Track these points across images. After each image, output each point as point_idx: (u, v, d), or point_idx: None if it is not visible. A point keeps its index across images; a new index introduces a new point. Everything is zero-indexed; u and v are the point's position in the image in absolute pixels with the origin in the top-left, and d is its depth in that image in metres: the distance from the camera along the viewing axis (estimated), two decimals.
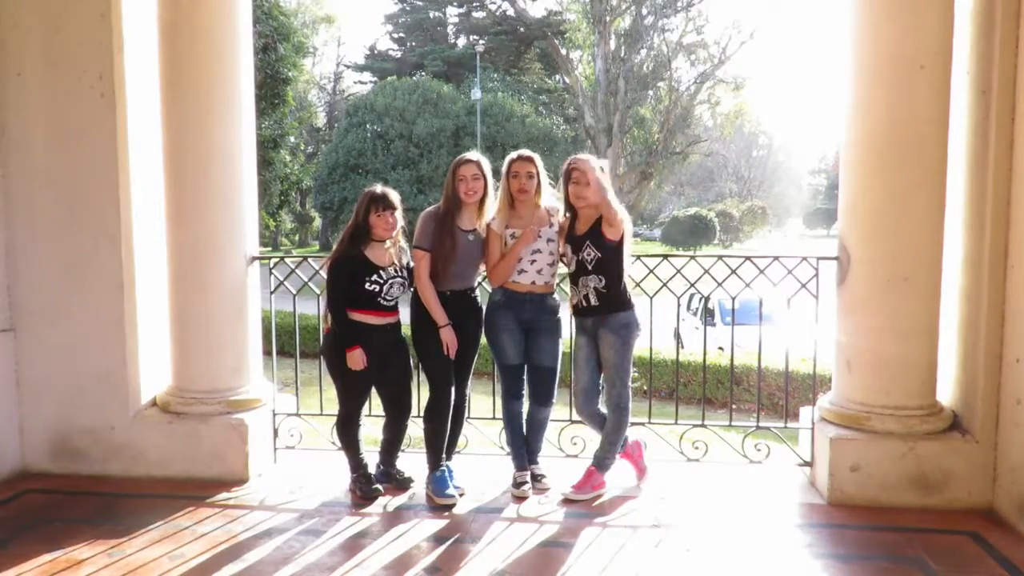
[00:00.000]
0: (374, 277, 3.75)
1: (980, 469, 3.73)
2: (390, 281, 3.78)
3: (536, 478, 4.02)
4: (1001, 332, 3.67)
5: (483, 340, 3.98)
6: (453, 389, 3.88)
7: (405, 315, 3.93)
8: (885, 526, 3.58)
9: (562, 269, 3.96)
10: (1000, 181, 3.62)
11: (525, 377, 4.01)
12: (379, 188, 3.82)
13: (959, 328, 3.88)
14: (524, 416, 4.03)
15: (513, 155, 3.87)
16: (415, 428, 4.13)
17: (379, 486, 3.94)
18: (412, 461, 4.14)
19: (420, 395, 4.17)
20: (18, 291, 4.23)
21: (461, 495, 3.89)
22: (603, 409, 3.97)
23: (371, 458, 4.08)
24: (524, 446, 4.01)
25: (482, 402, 4.73)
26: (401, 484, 4.02)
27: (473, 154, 3.86)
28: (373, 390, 3.99)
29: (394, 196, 3.81)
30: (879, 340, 3.77)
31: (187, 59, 4.00)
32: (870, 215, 3.77)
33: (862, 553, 3.34)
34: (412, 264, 3.88)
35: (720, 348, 11.51)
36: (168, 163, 4.11)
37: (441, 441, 3.90)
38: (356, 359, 3.73)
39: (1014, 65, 3.57)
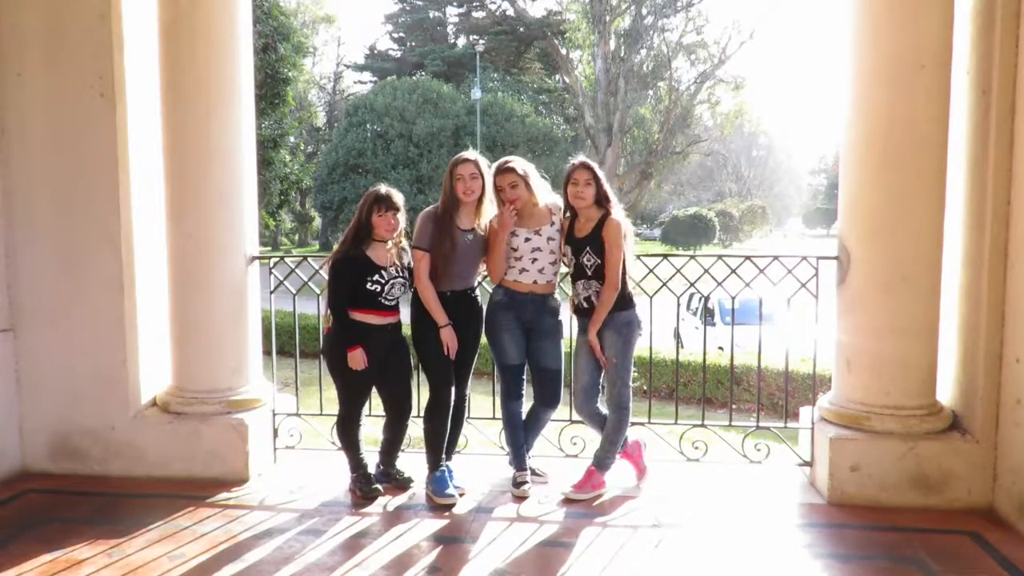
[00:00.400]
0: (376, 277, 3.75)
1: (980, 469, 3.73)
2: (391, 281, 3.78)
3: (532, 472, 4.05)
4: (1001, 332, 3.67)
5: (483, 340, 3.98)
6: (453, 389, 3.89)
7: (405, 315, 3.93)
8: (885, 526, 3.58)
9: (562, 268, 3.97)
10: (1000, 181, 3.62)
11: (524, 377, 4.02)
12: (383, 188, 3.81)
13: (959, 328, 3.88)
14: (524, 416, 4.04)
15: (492, 168, 3.83)
16: (415, 428, 4.13)
17: (379, 486, 3.94)
18: (412, 461, 4.14)
19: (420, 395, 4.17)
20: (18, 291, 4.23)
21: (461, 495, 3.89)
22: (603, 409, 3.98)
23: (371, 458, 4.08)
24: (524, 446, 4.02)
25: (482, 402, 4.73)
26: (401, 484, 4.02)
27: (471, 153, 3.85)
28: (373, 390, 3.99)
29: (398, 197, 3.81)
30: (879, 340, 3.77)
31: (187, 59, 4.00)
32: (870, 215, 3.77)
33: (862, 553, 3.34)
34: (412, 264, 3.88)
35: (720, 348, 11.52)
36: (168, 163, 4.11)
37: (441, 441, 3.90)
38: (357, 359, 3.73)
39: (1014, 65, 3.57)
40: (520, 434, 4.00)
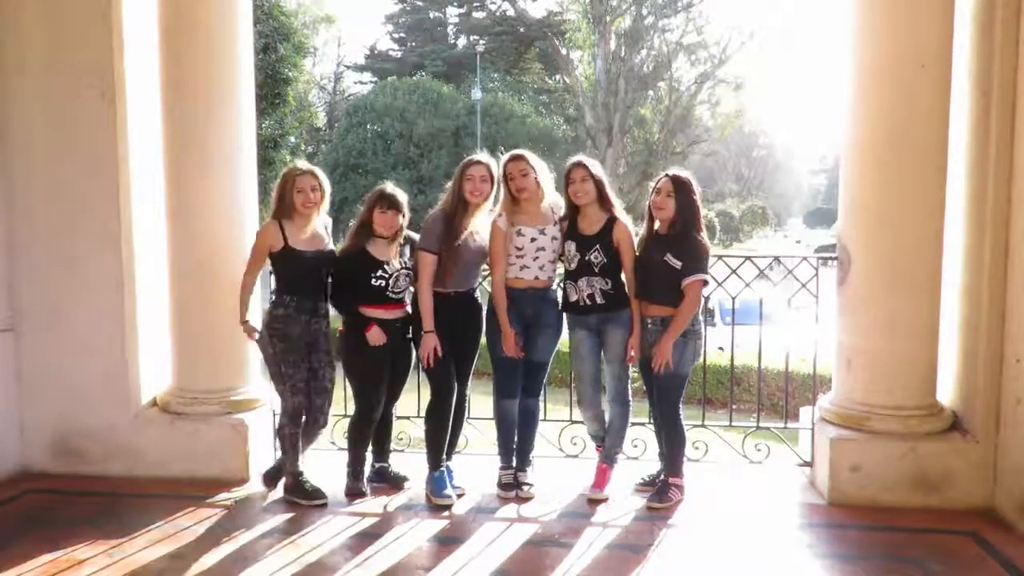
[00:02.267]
0: (379, 272, 3.77)
1: (980, 469, 3.73)
2: (395, 274, 3.80)
3: (521, 486, 3.95)
4: (1001, 332, 3.67)
5: (483, 340, 3.97)
6: (455, 389, 3.88)
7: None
8: (885, 526, 3.58)
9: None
10: (1000, 181, 3.62)
11: (520, 378, 3.98)
12: (389, 187, 3.85)
13: (959, 328, 3.88)
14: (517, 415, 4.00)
15: (504, 157, 3.84)
16: (415, 428, 4.13)
17: (365, 487, 3.94)
18: (412, 461, 4.14)
19: (420, 395, 4.17)
20: (18, 291, 4.23)
21: (460, 495, 3.89)
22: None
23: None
24: (514, 446, 3.98)
25: (482, 402, 4.72)
26: (395, 483, 4.03)
27: (483, 156, 3.85)
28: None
29: (402, 197, 3.83)
30: (879, 340, 3.76)
31: (187, 59, 4.00)
32: (870, 215, 3.77)
33: (862, 553, 3.34)
34: (416, 259, 3.86)
35: (720, 348, 11.49)
36: (168, 163, 4.11)
37: (441, 441, 3.90)
38: (376, 335, 3.75)
39: (1014, 66, 3.57)
40: (512, 435, 3.97)
